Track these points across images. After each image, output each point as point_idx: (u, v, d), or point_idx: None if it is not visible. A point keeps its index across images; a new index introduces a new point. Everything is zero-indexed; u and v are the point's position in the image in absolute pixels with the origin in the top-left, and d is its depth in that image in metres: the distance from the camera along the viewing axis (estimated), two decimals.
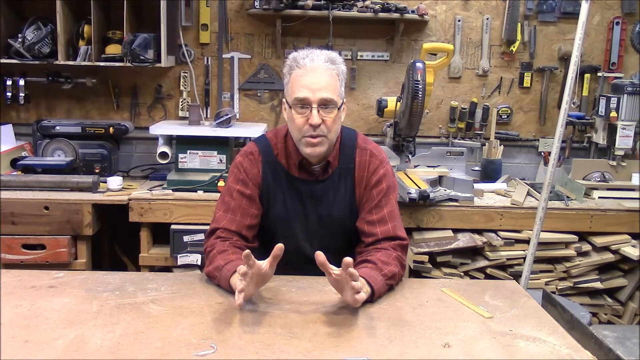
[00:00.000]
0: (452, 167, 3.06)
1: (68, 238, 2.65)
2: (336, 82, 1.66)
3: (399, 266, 1.65)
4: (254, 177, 1.75)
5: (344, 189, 1.77)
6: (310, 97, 1.62)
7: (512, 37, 3.25)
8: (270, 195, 1.77)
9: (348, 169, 1.77)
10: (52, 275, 1.68)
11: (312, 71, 1.63)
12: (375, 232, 1.71)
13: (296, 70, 1.65)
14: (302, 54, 1.67)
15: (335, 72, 1.66)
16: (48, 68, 3.07)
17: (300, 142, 1.68)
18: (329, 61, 1.65)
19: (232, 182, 1.76)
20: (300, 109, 1.64)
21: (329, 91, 1.63)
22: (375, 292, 1.52)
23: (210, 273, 1.63)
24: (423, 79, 2.62)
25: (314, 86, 1.62)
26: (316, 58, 1.64)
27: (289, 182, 1.76)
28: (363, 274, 1.53)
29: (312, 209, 1.77)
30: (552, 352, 1.31)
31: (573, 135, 3.35)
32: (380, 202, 1.74)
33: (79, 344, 1.27)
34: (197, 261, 2.69)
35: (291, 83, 1.67)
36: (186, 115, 3.19)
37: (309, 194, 1.76)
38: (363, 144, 1.80)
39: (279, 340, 1.31)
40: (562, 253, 2.76)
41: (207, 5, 3.23)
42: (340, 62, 1.69)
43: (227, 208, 1.73)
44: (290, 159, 1.76)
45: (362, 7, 3.06)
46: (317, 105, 1.62)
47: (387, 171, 1.78)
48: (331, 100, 1.64)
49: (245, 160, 1.77)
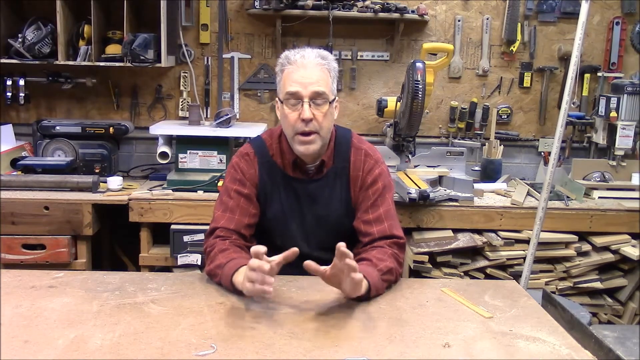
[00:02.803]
0: (452, 167, 3.06)
1: (68, 238, 2.65)
2: (327, 77, 1.68)
3: (395, 262, 1.65)
4: (251, 177, 1.76)
5: (340, 188, 1.78)
6: (302, 91, 1.64)
7: (512, 37, 3.25)
8: (267, 195, 1.78)
9: (343, 168, 1.78)
10: (52, 275, 1.68)
11: (303, 67, 1.65)
12: (371, 232, 1.72)
13: (287, 67, 1.68)
14: (294, 52, 1.70)
15: (327, 68, 1.68)
16: (48, 68, 3.07)
17: (294, 140, 1.70)
18: (319, 57, 1.68)
19: (230, 182, 1.77)
20: (292, 104, 1.66)
21: (320, 85, 1.65)
22: (372, 286, 1.53)
23: (212, 271, 1.63)
24: (423, 79, 2.62)
25: (305, 80, 1.64)
26: (307, 54, 1.67)
27: (285, 181, 1.77)
28: (359, 269, 1.53)
29: (308, 208, 1.78)
30: (552, 352, 1.31)
31: (573, 135, 3.35)
32: (376, 201, 1.75)
33: (79, 344, 1.27)
34: (197, 261, 2.69)
35: (283, 79, 1.69)
36: (186, 115, 3.19)
37: (304, 194, 1.77)
38: (358, 144, 1.81)
39: (279, 340, 1.31)
40: (562, 253, 2.76)
41: (207, 5, 3.23)
42: (332, 59, 1.71)
43: (226, 207, 1.74)
44: (285, 158, 1.77)
45: (362, 7, 3.06)
46: (308, 99, 1.64)
47: (383, 171, 1.79)
48: (322, 94, 1.65)
49: (241, 160, 1.78)
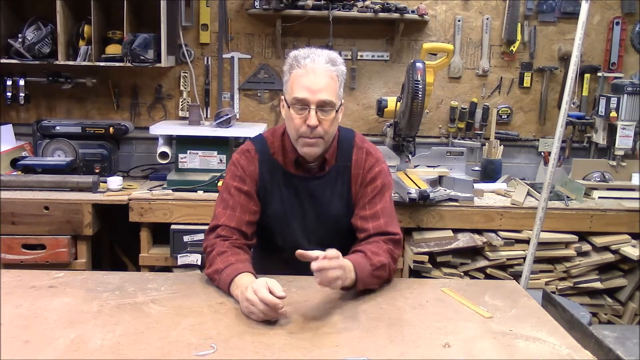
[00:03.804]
0: (452, 167, 3.06)
1: (68, 238, 2.65)
2: (335, 84, 1.67)
3: (389, 258, 1.66)
4: (251, 174, 1.76)
5: (341, 186, 1.78)
6: (309, 98, 1.63)
7: (512, 37, 3.25)
8: (267, 192, 1.77)
9: (345, 167, 1.78)
10: (52, 275, 1.68)
11: (313, 72, 1.63)
12: (367, 227, 1.73)
13: (296, 70, 1.66)
14: (304, 53, 1.67)
15: (335, 74, 1.67)
16: (48, 68, 3.07)
17: (297, 141, 1.70)
18: (329, 62, 1.66)
19: (230, 179, 1.77)
20: (298, 109, 1.65)
21: (328, 93, 1.64)
22: (359, 280, 1.55)
23: (210, 276, 1.64)
24: (423, 79, 2.62)
25: (314, 87, 1.63)
26: (317, 59, 1.65)
27: (286, 179, 1.77)
28: (351, 259, 1.55)
29: (309, 205, 1.78)
30: (552, 352, 1.31)
31: (573, 135, 3.35)
32: (374, 198, 1.75)
33: (79, 344, 1.27)
34: (197, 261, 2.69)
35: (291, 82, 1.67)
36: (186, 115, 3.19)
37: (306, 191, 1.77)
38: (360, 143, 1.82)
39: (279, 340, 1.31)
40: (562, 253, 2.76)
41: (207, 5, 3.23)
42: (341, 63, 1.70)
43: (227, 205, 1.74)
44: (287, 156, 1.77)
45: (362, 7, 3.06)
46: (315, 107, 1.63)
47: (383, 169, 1.80)
48: (330, 102, 1.64)
49: (242, 157, 1.78)
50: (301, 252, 1.42)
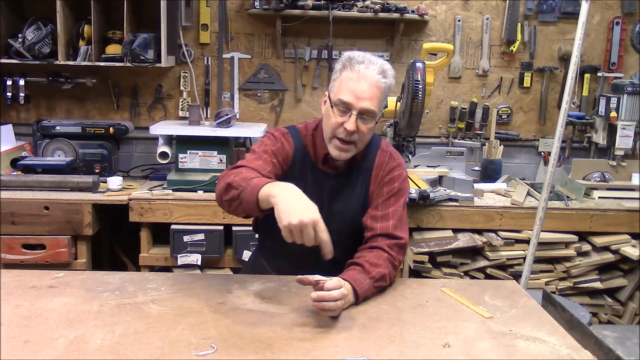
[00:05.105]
0: (452, 167, 3.06)
1: (68, 238, 2.65)
2: (381, 96, 1.67)
3: (389, 267, 1.65)
4: (286, 156, 1.75)
5: (360, 186, 1.79)
6: (354, 104, 1.63)
7: (512, 37, 3.25)
8: (294, 179, 1.73)
9: (367, 169, 1.79)
10: (52, 275, 1.67)
11: (364, 79, 1.64)
12: (374, 227, 1.72)
13: (348, 72, 1.66)
14: (359, 58, 1.67)
15: (384, 86, 1.67)
16: (48, 68, 3.07)
17: (330, 141, 1.70)
18: (381, 73, 1.66)
19: (270, 144, 1.74)
20: (341, 110, 1.66)
21: (372, 103, 1.64)
22: (360, 295, 1.54)
23: (235, 183, 1.55)
24: (423, 79, 2.61)
25: (360, 94, 1.63)
26: (370, 67, 1.65)
27: (313, 173, 1.78)
28: (349, 277, 1.54)
29: (327, 202, 1.77)
30: (552, 352, 1.31)
31: (573, 135, 3.35)
32: (389, 200, 1.75)
33: (79, 344, 1.27)
34: (197, 261, 2.69)
35: (339, 82, 1.67)
36: (186, 115, 3.19)
37: (327, 187, 1.78)
38: (385, 147, 1.84)
39: (279, 340, 1.31)
40: (562, 253, 2.76)
41: (207, 5, 3.23)
42: (391, 76, 1.70)
43: (259, 157, 1.70)
44: (317, 151, 1.78)
45: (362, 7, 3.06)
46: (357, 113, 1.64)
47: (402, 174, 1.80)
48: (371, 112, 1.65)
49: (282, 137, 1.77)
50: (301, 278, 1.42)
